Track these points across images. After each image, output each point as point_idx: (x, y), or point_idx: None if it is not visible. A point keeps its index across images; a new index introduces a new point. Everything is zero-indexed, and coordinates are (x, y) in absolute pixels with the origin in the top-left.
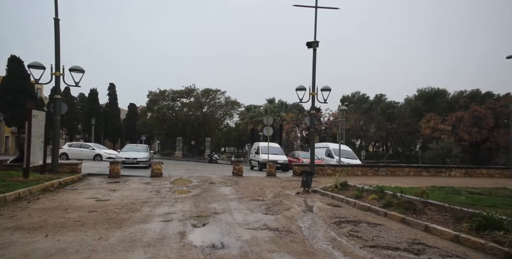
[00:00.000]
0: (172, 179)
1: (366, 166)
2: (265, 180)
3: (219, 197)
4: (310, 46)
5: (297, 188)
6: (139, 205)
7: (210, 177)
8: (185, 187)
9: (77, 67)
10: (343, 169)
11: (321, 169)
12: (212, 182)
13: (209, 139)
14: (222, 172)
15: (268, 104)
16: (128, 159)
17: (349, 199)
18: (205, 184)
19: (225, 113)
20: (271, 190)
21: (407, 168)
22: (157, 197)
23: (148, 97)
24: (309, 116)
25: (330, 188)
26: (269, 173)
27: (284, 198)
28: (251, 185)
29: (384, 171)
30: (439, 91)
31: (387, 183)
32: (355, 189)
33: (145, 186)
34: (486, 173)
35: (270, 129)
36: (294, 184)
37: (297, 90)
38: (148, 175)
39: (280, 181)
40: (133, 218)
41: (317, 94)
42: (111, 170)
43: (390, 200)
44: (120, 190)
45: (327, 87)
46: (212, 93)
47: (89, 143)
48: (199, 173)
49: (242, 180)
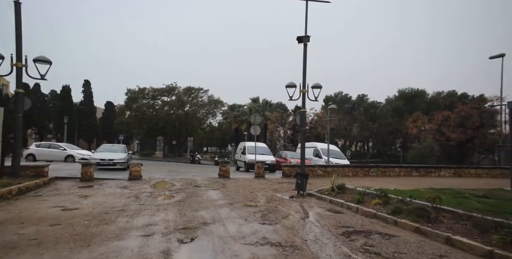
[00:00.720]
0: (153, 182)
1: (357, 167)
2: (254, 182)
3: (207, 203)
4: (300, 41)
5: (290, 191)
6: (114, 214)
7: (195, 179)
8: (167, 192)
9: (43, 58)
10: (334, 170)
11: (311, 170)
12: (198, 185)
13: (191, 139)
14: (206, 173)
15: (252, 103)
16: (103, 160)
17: (350, 204)
18: (190, 188)
19: (208, 112)
20: (263, 194)
21: (397, 169)
22: (135, 204)
23: (127, 95)
24: (299, 115)
25: (327, 192)
26: (258, 175)
27: (279, 203)
28: (240, 188)
29: (375, 171)
30: (419, 92)
31: (381, 184)
32: (354, 192)
33: (122, 190)
34: (474, 173)
35: (258, 128)
36: (285, 186)
37: (287, 87)
38: (126, 178)
39: (271, 183)
40: (105, 233)
41: (307, 92)
42: (84, 173)
43: (398, 206)
44: (93, 196)
45: (318, 84)
46: (195, 91)
47: (59, 143)
48: (182, 175)
49: (229, 182)
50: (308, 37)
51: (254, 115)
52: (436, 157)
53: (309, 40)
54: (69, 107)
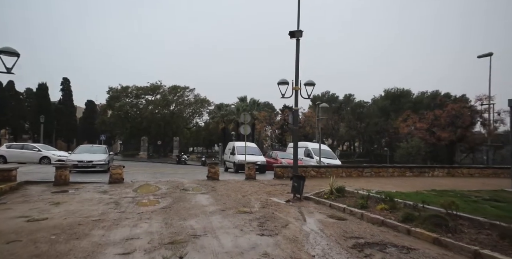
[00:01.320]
0: (136, 186)
1: (351, 167)
2: (245, 185)
3: (196, 209)
4: (293, 36)
5: (285, 194)
6: (89, 226)
7: (182, 182)
8: (152, 197)
9: (9, 49)
10: (327, 171)
11: (304, 171)
12: (185, 188)
13: (177, 139)
14: (194, 175)
15: (240, 102)
16: (81, 162)
17: (353, 210)
18: (177, 192)
19: (194, 111)
20: (257, 198)
21: (391, 169)
22: (115, 212)
23: (109, 93)
24: (292, 113)
25: (325, 195)
26: (249, 176)
27: (275, 209)
28: (231, 192)
29: (369, 172)
30: (404, 92)
31: (378, 186)
32: (355, 196)
33: (101, 196)
34: (467, 172)
35: (248, 127)
36: (279, 189)
37: (279, 84)
38: (106, 181)
39: (263, 186)
40: (75, 252)
41: (300, 89)
42: (58, 176)
43: (408, 212)
44: (66, 203)
45: (311, 81)
46: (180, 90)
47: (34, 144)
48: (168, 177)
49: (219, 185)
50: (301, 32)
51: (243, 114)
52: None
53: (301, 35)
54: (46, 106)
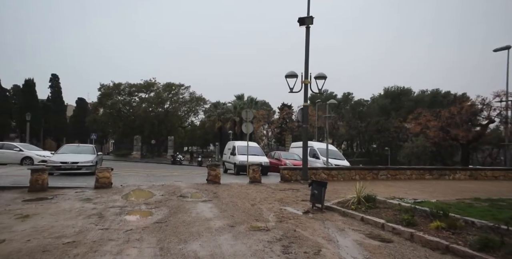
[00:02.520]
0: (126, 192)
1: (365, 169)
2: (251, 190)
3: (199, 225)
4: (302, 23)
5: (300, 202)
6: (57, 253)
7: (179, 186)
8: (144, 206)
9: None
10: (339, 173)
11: (314, 173)
12: (183, 194)
13: (172, 138)
14: (192, 177)
15: (237, 100)
16: (65, 163)
17: (396, 227)
18: (173, 199)
19: (190, 109)
20: (268, 208)
21: (409, 171)
22: (96, 228)
23: (100, 90)
24: (301, 110)
25: (353, 205)
26: (253, 179)
27: (296, 224)
28: (237, 199)
29: (385, 174)
30: (405, 90)
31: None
32: (389, 206)
33: (83, 205)
34: (491, 175)
35: (250, 125)
36: (290, 195)
37: (287, 77)
38: (91, 186)
39: (271, 191)
40: None
41: (310, 83)
42: (33, 181)
43: (486, 236)
44: (37, 217)
45: (322, 74)
46: (175, 87)
47: (15, 143)
48: (163, 180)
49: (221, 190)
50: (311, 19)
51: (246, 111)
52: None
53: (312, 22)
54: (33, 103)
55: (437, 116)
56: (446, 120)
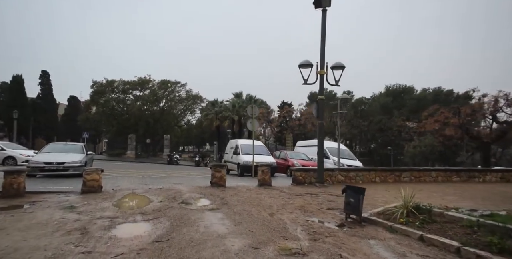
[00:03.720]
0: (118, 197)
1: (386, 170)
2: (263, 194)
3: (211, 245)
4: (319, 6)
5: (325, 211)
6: None
7: (179, 190)
8: (139, 216)
9: None
10: (357, 175)
11: (330, 175)
12: (185, 201)
13: (168, 137)
14: (191, 179)
15: (235, 98)
16: (49, 164)
17: (485, 255)
18: (174, 206)
19: (186, 108)
20: (291, 218)
21: (434, 172)
22: (76, 251)
23: (92, 88)
24: (316, 104)
25: (401, 218)
26: (263, 182)
27: (337, 244)
28: (250, 206)
29: (407, 176)
30: (407, 88)
31: (437, 197)
32: (450, 220)
33: (64, 215)
34: None
35: (256, 122)
36: (311, 201)
37: (300, 67)
38: (78, 190)
39: (287, 196)
40: None
41: (327, 73)
42: (7, 185)
43: None
44: (1, 233)
45: (339, 63)
46: (171, 85)
47: None
48: (161, 183)
49: (229, 194)
50: (329, 0)
51: (251, 106)
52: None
53: (330, 3)
54: (22, 101)
55: (456, 113)
56: (466, 117)
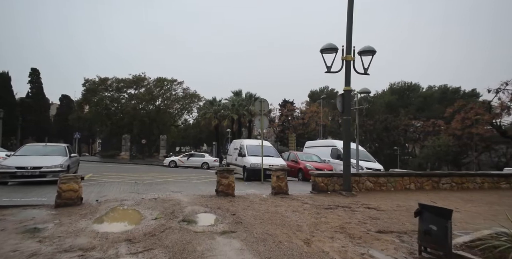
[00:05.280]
0: (101, 212)
1: (422, 175)
2: (282, 207)
3: None
4: None
5: (377, 235)
6: None
7: (178, 200)
8: (124, 247)
9: None
10: (388, 181)
11: (356, 181)
12: (187, 217)
13: (164, 137)
14: (192, 185)
15: (234, 96)
16: (22, 169)
17: None
18: (173, 227)
19: (183, 107)
20: (337, 250)
21: (478, 178)
22: None
23: (85, 86)
24: (341, 96)
25: None
26: (278, 190)
27: None
28: (274, 228)
29: (448, 182)
30: (412, 86)
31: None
32: None
33: (19, 245)
34: None
35: (265, 119)
36: (347, 218)
37: (323, 51)
38: (52, 203)
39: (314, 210)
40: None
41: (354, 59)
42: None
43: None
44: None
45: (369, 48)
46: (167, 83)
47: None
48: (156, 190)
49: (241, 207)
50: None
51: (260, 101)
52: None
53: None
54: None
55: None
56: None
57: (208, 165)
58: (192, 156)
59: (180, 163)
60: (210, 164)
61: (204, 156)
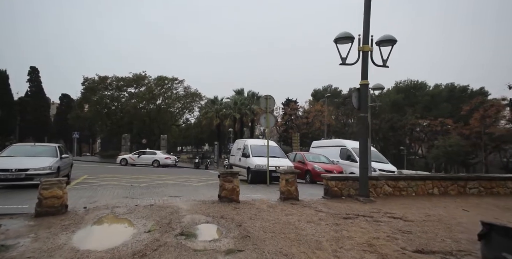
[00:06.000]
0: (86, 223)
1: (446, 179)
2: (295, 216)
3: None
4: None
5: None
6: None
7: (176, 208)
8: None
9: None
10: (409, 185)
11: (374, 185)
12: (185, 230)
13: (165, 137)
14: (192, 189)
15: (236, 95)
16: (6, 171)
17: None
18: (169, 243)
19: (184, 106)
20: None
21: (510, 182)
22: None
23: (84, 84)
24: (358, 91)
25: None
26: (287, 195)
27: None
28: (289, 244)
29: (475, 187)
30: (419, 84)
31: None
32: None
33: None
34: None
35: (272, 117)
36: (373, 231)
37: (337, 41)
38: (32, 211)
39: (332, 220)
40: None
41: (372, 50)
42: None
43: None
44: None
45: (389, 36)
46: (168, 81)
47: None
48: (153, 194)
49: (247, 216)
50: None
51: (265, 97)
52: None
53: None
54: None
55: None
56: None
57: (158, 162)
58: (143, 154)
59: (131, 161)
60: (161, 162)
61: (155, 153)
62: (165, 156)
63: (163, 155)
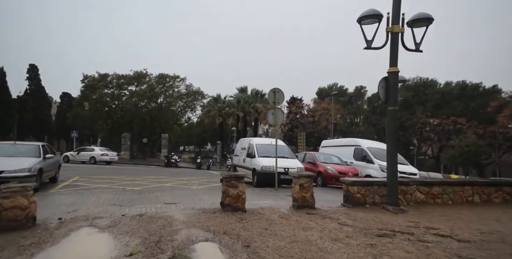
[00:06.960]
0: (54, 242)
1: (488, 185)
2: (315, 231)
3: None
4: None
5: None
6: None
7: (170, 219)
8: None
9: None
10: (444, 190)
11: (403, 191)
12: (177, 254)
13: (166, 136)
14: (192, 193)
15: (239, 93)
16: None
17: None
18: None
19: (186, 104)
20: None
21: None
22: None
23: (84, 82)
24: (385, 80)
25: None
26: (302, 202)
27: None
28: None
29: None
30: (429, 81)
31: None
32: None
33: None
34: None
35: (280, 112)
36: (423, 257)
37: (362, 20)
38: None
39: (363, 238)
40: None
41: (403, 32)
42: None
43: None
44: None
45: (424, 14)
46: (170, 79)
47: None
48: (145, 200)
49: (256, 232)
50: None
51: (274, 91)
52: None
53: None
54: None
55: None
56: None
57: (95, 159)
58: (82, 151)
59: (72, 157)
60: (97, 158)
61: (93, 150)
62: (102, 152)
63: (100, 151)
